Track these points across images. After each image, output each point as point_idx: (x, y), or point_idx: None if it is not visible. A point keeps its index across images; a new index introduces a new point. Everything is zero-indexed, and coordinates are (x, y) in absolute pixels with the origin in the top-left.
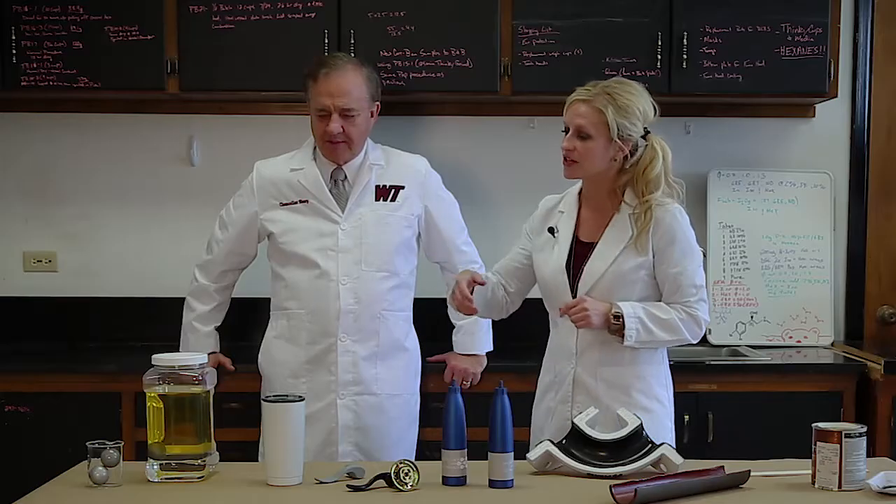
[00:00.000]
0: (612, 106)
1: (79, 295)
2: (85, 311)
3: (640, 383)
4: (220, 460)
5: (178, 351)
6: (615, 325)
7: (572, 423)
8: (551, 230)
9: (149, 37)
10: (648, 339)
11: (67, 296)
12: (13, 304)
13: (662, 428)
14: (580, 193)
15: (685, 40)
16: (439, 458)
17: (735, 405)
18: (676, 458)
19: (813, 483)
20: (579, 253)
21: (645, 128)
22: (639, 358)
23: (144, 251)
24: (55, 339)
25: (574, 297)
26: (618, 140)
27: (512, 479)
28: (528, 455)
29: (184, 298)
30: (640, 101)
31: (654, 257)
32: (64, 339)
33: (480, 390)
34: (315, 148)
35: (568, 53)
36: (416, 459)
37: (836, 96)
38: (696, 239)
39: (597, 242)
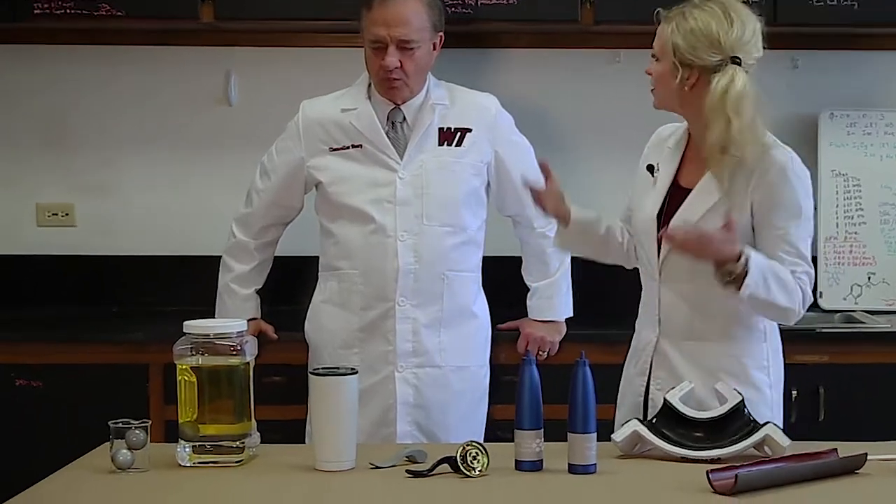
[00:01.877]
0: (680, 26)
1: (99, 253)
2: (106, 271)
3: (732, 364)
4: (261, 442)
5: (212, 317)
6: (732, 270)
7: (664, 399)
8: (650, 168)
9: None
10: (764, 297)
11: (86, 254)
12: (24, 263)
13: (760, 418)
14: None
15: None
16: (511, 440)
17: (849, 379)
18: (783, 440)
19: None
20: (674, 200)
21: (735, 57)
22: (732, 333)
23: (174, 203)
24: (72, 304)
25: (659, 252)
26: (678, 64)
27: (595, 464)
28: (613, 436)
29: (219, 257)
30: (717, 25)
31: (753, 213)
32: (82, 303)
33: (559, 362)
34: (370, 85)
35: None
36: (485, 441)
37: None
38: (811, 195)
39: (692, 190)
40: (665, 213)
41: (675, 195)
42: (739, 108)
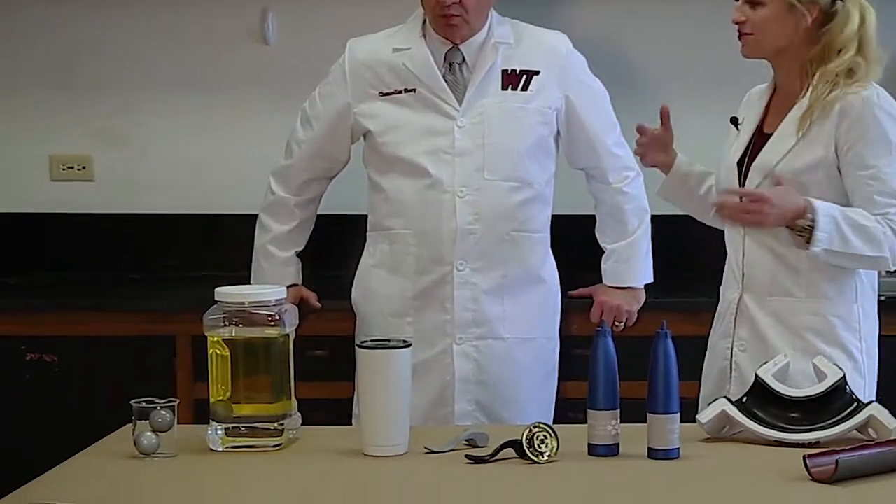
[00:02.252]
0: None
1: (120, 211)
2: (128, 231)
3: (820, 323)
4: (302, 423)
5: (248, 283)
6: (802, 225)
7: (756, 375)
8: (734, 120)
9: None
10: (841, 250)
11: (105, 212)
12: (37, 223)
13: (853, 386)
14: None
15: None
16: (584, 421)
17: None
18: (890, 422)
19: None
20: (757, 147)
21: None
22: (819, 289)
23: (205, 155)
24: (89, 268)
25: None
26: (798, 4)
27: (678, 448)
28: (698, 416)
29: (255, 216)
30: None
31: (838, 155)
32: (101, 267)
33: (638, 334)
34: (424, 22)
35: None
36: (555, 422)
37: None
38: None
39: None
40: (748, 160)
41: (758, 142)
42: (872, 36)
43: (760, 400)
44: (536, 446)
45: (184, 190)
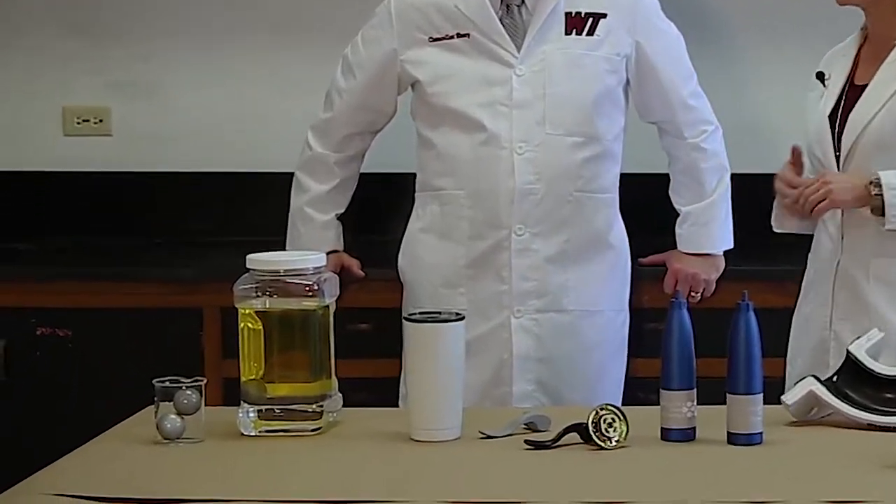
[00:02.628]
0: None
1: (141, 169)
2: (150, 192)
3: None
4: (343, 405)
5: (283, 249)
6: (876, 200)
7: (847, 352)
8: (820, 75)
9: None
10: None
11: (125, 170)
12: (49, 183)
13: None
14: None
15: None
16: (656, 403)
17: None
18: None
19: None
20: (850, 98)
21: None
22: None
23: (234, 107)
24: (106, 233)
25: (838, 153)
26: None
27: (760, 433)
28: (783, 397)
29: (291, 174)
30: None
31: None
32: (119, 232)
33: (716, 305)
34: None
35: None
36: (624, 404)
37: None
38: None
39: (867, 86)
40: (841, 113)
41: (850, 94)
42: None
43: (852, 379)
44: (603, 430)
45: (211, 146)
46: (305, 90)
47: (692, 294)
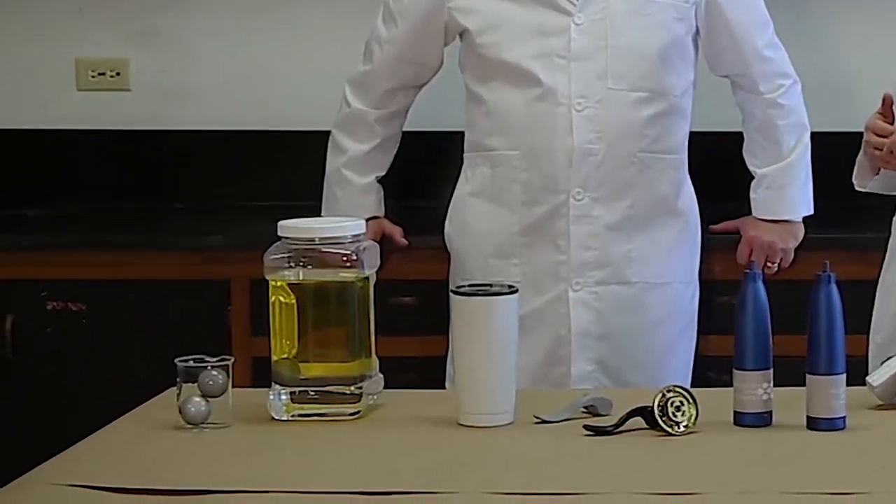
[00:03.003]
0: None
1: (162, 127)
2: (172, 151)
3: None
4: (385, 387)
5: (318, 215)
6: None
7: None
8: None
9: None
10: None
11: (144, 128)
12: (61, 142)
13: None
14: None
15: None
16: (728, 384)
17: None
18: None
19: None
20: None
21: None
22: None
23: (265, 59)
24: (124, 197)
25: None
26: None
27: (843, 417)
28: (868, 378)
29: (327, 133)
30: None
31: None
32: (138, 196)
33: (794, 277)
34: None
35: None
36: (693, 386)
37: None
38: None
39: None
40: None
41: None
42: None
43: None
44: (671, 415)
45: (240, 101)
46: (343, 40)
47: (768, 264)
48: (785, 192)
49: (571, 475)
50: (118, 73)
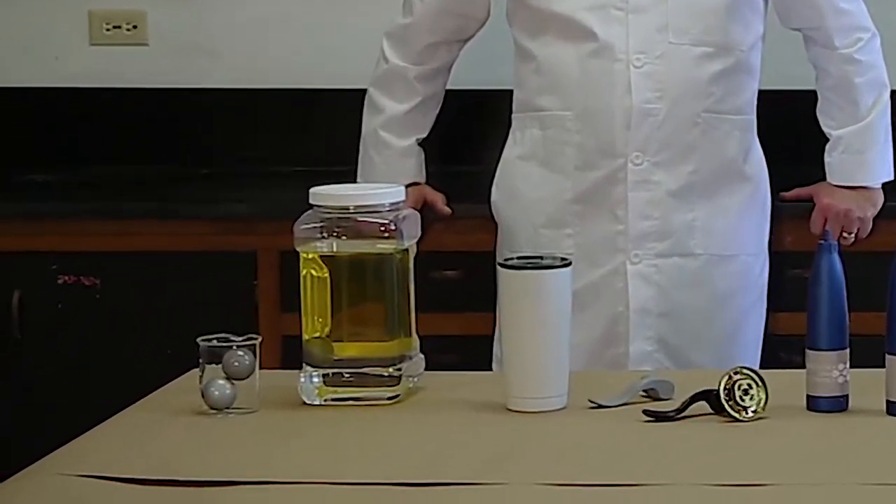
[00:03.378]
0: None
1: (183, 85)
2: (194, 112)
3: None
4: (426, 368)
5: (353, 181)
6: None
7: None
8: None
9: None
10: None
11: (164, 86)
12: (72, 100)
13: None
14: None
15: None
16: (801, 365)
17: None
18: None
19: None
20: None
21: None
22: None
23: (296, 10)
24: (142, 162)
25: None
26: None
27: None
28: None
29: (362, 91)
30: None
31: None
32: (158, 160)
33: (873, 248)
34: None
35: None
36: (762, 367)
37: None
38: None
39: None
40: None
41: None
42: None
43: None
44: (738, 399)
45: (267, 57)
46: None
47: (844, 235)
48: (863, 157)
49: (629, 465)
50: (135, 27)
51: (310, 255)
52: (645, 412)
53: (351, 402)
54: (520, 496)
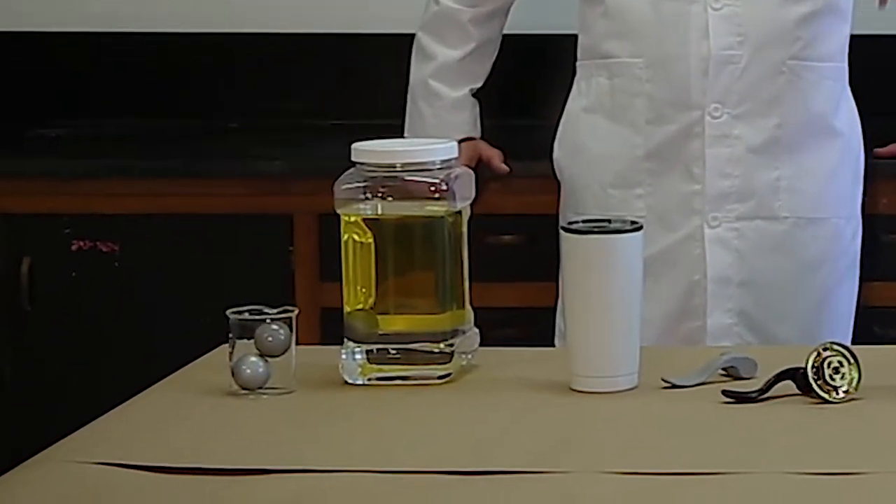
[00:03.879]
0: None
1: (211, 29)
2: (221, 59)
3: None
4: (481, 344)
5: (400, 135)
6: None
7: None
8: None
9: None
10: None
11: (188, 30)
12: (86, 48)
13: None
14: None
15: None
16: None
17: None
18: None
19: None
20: None
21: None
22: None
23: None
24: (166, 115)
25: None
26: None
27: None
28: None
29: (410, 36)
30: None
31: None
32: (183, 113)
33: None
34: None
35: None
36: (854, 342)
37: None
38: None
39: None
40: None
41: None
42: None
43: None
44: (828, 378)
45: None
46: None
47: None
48: None
49: (706, 451)
50: None
51: (352, 218)
52: (724, 392)
53: (397, 382)
54: (584, 486)
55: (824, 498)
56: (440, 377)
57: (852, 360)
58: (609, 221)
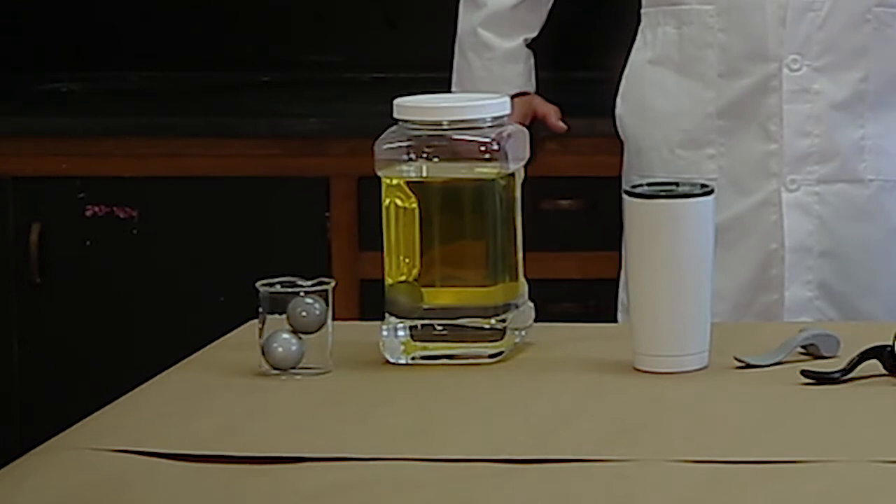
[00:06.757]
0: None
1: None
2: (252, 7)
3: None
4: (536, 319)
5: (447, 90)
6: None
7: None
8: None
9: None
10: None
11: None
12: None
13: None
14: None
15: None
16: None
17: None
18: None
19: None
20: None
21: None
22: None
23: None
24: (189, 68)
25: None
26: None
27: None
28: None
29: None
30: None
31: None
32: (209, 66)
33: None
34: None
35: None
36: None
37: None
38: None
39: None
40: None
41: None
42: None
43: None
44: None
45: None
46: None
47: None
48: None
49: (785, 438)
50: None
51: (394, 181)
52: (803, 373)
53: (444, 361)
54: (649, 475)
55: None
56: (491, 356)
57: None
58: (677, 185)
